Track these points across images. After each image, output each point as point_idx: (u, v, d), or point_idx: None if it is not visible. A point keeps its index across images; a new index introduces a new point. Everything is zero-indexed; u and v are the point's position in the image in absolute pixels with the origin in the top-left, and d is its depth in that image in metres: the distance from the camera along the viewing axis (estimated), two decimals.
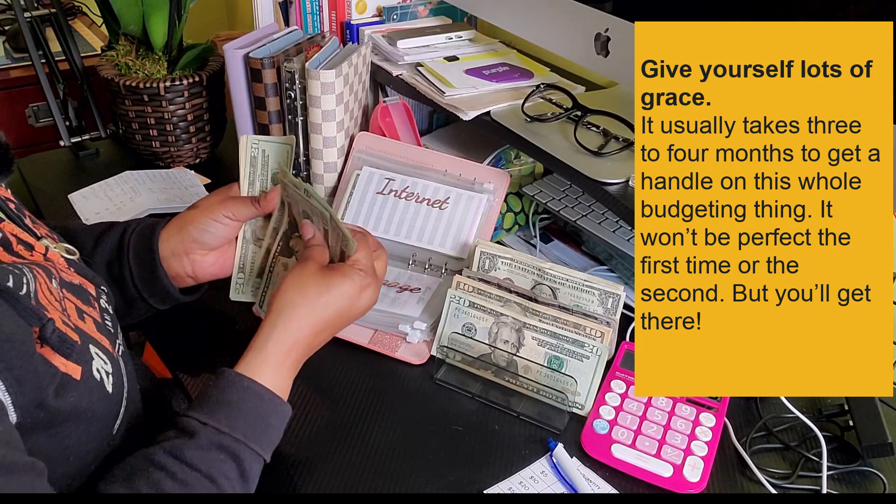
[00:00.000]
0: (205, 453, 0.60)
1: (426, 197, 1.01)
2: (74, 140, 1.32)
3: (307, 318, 0.69)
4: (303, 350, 0.70)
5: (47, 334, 0.55)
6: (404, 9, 1.22)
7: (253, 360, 0.67)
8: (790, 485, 0.73)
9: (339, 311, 0.71)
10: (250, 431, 0.63)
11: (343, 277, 0.72)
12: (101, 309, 0.68)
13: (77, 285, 0.66)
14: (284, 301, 0.70)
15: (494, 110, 1.01)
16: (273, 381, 0.67)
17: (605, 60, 0.89)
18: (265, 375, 0.66)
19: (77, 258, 0.70)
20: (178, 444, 0.60)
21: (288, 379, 0.69)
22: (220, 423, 0.62)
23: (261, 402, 0.65)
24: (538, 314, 0.84)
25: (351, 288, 0.71)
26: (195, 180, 1.22)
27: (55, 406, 0.55)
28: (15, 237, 0.63)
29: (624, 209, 0.85)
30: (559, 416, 0.79)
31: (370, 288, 0.73)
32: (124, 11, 1.17)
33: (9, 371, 0.51)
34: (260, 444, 0.63)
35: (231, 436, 0.62)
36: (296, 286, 0.71)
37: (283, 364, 0.68)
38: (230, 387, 0.64)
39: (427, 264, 0.99)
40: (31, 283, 0.58)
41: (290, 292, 0.70)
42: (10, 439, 0.50)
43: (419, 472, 0.73)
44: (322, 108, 1.01)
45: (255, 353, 0.67)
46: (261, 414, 0.65)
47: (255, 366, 0.67)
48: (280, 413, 0.67)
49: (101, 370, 0.61)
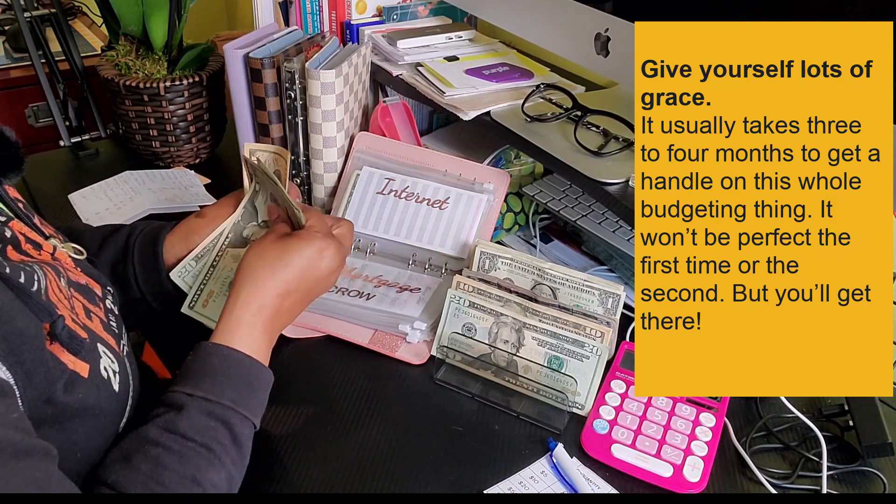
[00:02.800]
0: (196, 423, 0.61)
1: (426, 197, 1.01)
2: (74, 140, 1.32)
3: (269, 279, 0.71)
4: (271, 313, 0.71)
5: (58, 331, 0.56)
6: (404, 9, 1.22)
7: (224, 327, 0.69)
8: (790, 485, 0.73)
9: (300, 271, 0.73)
10: (237, 396, 0.65)
11: (299, 240, 0.74)
12: (107, 309, 0.69)
13: (84, 285, 0.67)
14: (245, 268, 0.72)
15: (494, 110, 1.01)
16: (248, 343, 0.68)
17: (605, 60, 0.89)
18: (239, 340, 0.68)
19: (84, 258, 0.71)
20: (169, 418, 0.62)
21: (262, 342, 0.70)
22: (207, 392, 0.63)
23: (241, 366, 0.67)
24: (538, 314, 0.84)
25: (308, 248, 0.73)
26: (195, 180, 1.22)
27: (63, 402, 0.56)
28: (24, 236, 0.64)
29: (624, 209, 0.85)
30: (559, 416, 0.79)
31: (329, 249, 0.75)
32: (124, 11, 1.17)
33: (20, 365, 0.52)
34: (247, 408, 0.65)
35: (219, 402, 0.63)
36: (255, 253, 0.73)
37: (253, 326, 0.69)
38: (210, 357, 0.66)
39: (427, 264, 0.99)
40: (42, 280, 0.58)
41: (250, 259, 0.73)
42: (25, 426, 0.51)
43: (419, 472, 0.73)
44: (322, 108, 1.01)
45: (225, 321, 0.69)
46: (244, 379, 0.66)
47: (227, 332, 0.68)
48: (262, 376, 0.69)
49: (108, 368, 0.62)
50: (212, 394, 0.63)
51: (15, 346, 0.51)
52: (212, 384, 0.64)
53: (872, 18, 0.62)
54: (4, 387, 0.50)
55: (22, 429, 0.50)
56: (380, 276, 0.97)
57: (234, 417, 0.63)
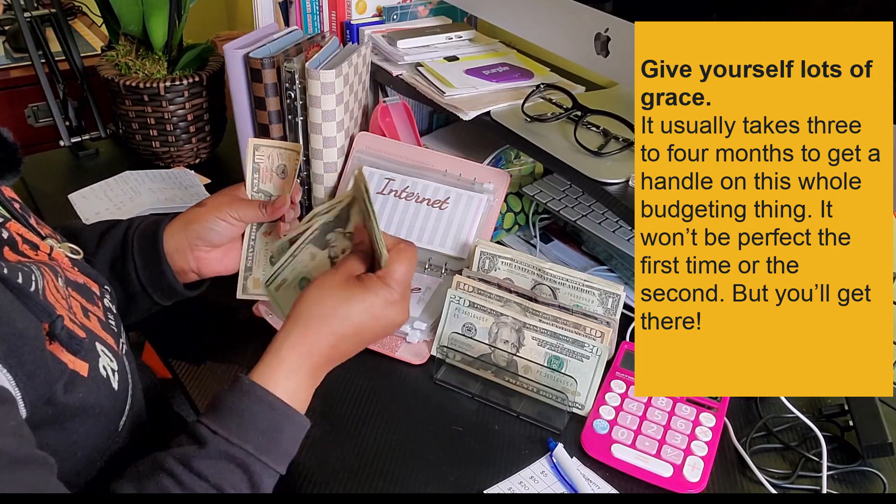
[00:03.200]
0: (213, 463, 0.59)
1: (426, 197, 1.01)
2: (74, 140, 1.32)
3: (324, 327, 0.66)
4: (319, 361, 0.66)
5: (56, 330, 0.56)
6: (404, 9, 1.22)
7: (266, 365, 0.65)
8: (790, 485, 0.73)
9: (358, 325, 0.67)
10: (261, 443, 0.61)
11: (365, 291, 0.67)
12: (105, 308, 0.69)
13: (81, 284, 0.67)
14: (301, 309, 0.67)
15: (494, 110, 1.01)
16: (287, 389, 0.64)
17: (605, 60, 0.89)
18: (279, 383, 0.64)
19: (81, 257, 0.71)
20: (188, 451, 0.60)
21: (303, 388, 0.66)
22: (231, 434, 0.60)
23: (273, 413, 0.63)
24: (538, 314, 0.84)
25: (374, 303, 0.67)
26: (195, 180, 1.22)
27: (64, 402, 0.56)
28: (20, 237, 0.64)
29: (624, 209, 0.85)
30: (559, 416, 0.79)
31: (398, 305, 0.68)
32: (124, 11, 1.17)
33: (20, 367, 0.51)
34: (270, 456, 0.62)
35: (241, 447, 0.60)
36: (315, 295, 0.67)
37: (297, 371, 0.65)
38: (243, 396, 0.63)
39: (427, 264, 0.99)
40: (40, 280, 0.58)
41: (309, 300, 0.67)
42: (23, 433, 0.51)
43: (419, 472, 0.73)
44: (322, 108, 1.01)
45: (268, 358, 0.65)
46: (273, 426, 0.63)
47: (267, 371, 0.64)
48: (294, 424, 0.65)
49: (107, 367, 0.62)
50: (235, 436, 0.60)
51: (15, 348, 0.51)
52: (238, 426, 0.61)
53: (872, 18, 0.62)
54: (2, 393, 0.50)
55: (20, 436, 0.50)
56: None
57: (255, 465, 0.61)
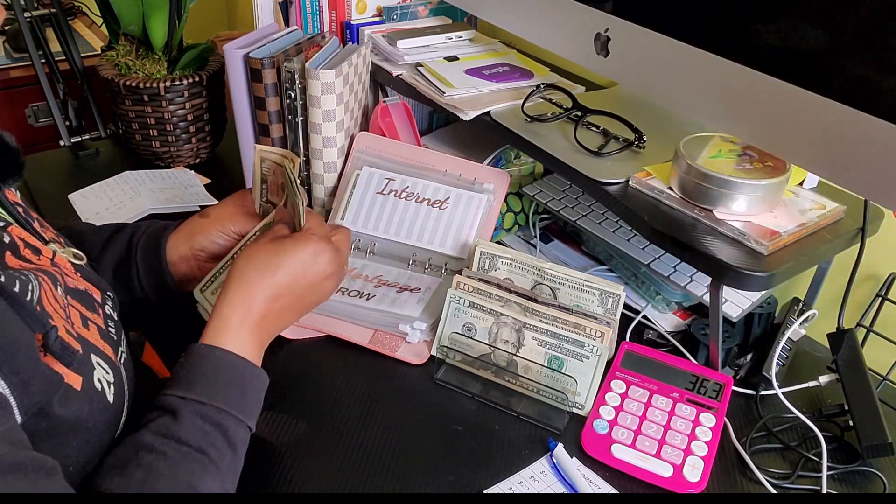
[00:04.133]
0: (190, 427, 0.61)
1: (426, 197, 1.01)
2: (74, 140, 1.32)
3: (258, 282, 0.69)
4: (258, 317, 0.69)
5: (50, 342, 0.55)
6: (404, 9, 1.22)
7: (212, 328, 0.68)
8: (790, 485, 0.73)
9: (291, 275, 0.71)
10: (230, 399, 0.64)
11: (294, 241, 0.72)
12: (106, 315, 0.68)
13: (83, 291, 0.66)
14: (235, 269, 0.71)
15: (494, 110, 1.01)
16: (236, 346, 0.67)
17: (605, 60, 0.89)
18: (227, 342, 0.67)
19: (84, 263, 0.70)
20: (162, 422, 0.61)
21: (251, 345, 0.68)
22: (200, 395, 0.62)
23: (234, 368, 0.66)
24: (538, 314, 0.84)
25: (301, 251, 0.71)
26: (195, 180, 1.22)
27: (59, 415, 0.55)
28: (23, 241, 0.63)
29: (624, 209, 0.85)
30: (559, 416, 0.79)
31: (325, 254, 0.73)
32: (124, 11, 1.17)
33: (15, 375, 0.51)
34: (241, 410, 0.64)
35: (212, 405, 0.62)
36: (247, 255, 0.71)
37: (241, 327, 0.68)
38: (202, 359, 0.65)
39: (427, 264, 0.99)
40: (37, 289, 0.58)
41: (241, 260, 0.71)
42: (14, 438, 0.50)
43: (419, 472, 0.73)
44: (322, 108, 1.01)
45: (213, 322, 0.68)
46: (236, 381, 0.65)
47: (215, 335, 0.67)
48: (255, 378, 0.67)
49: (102, 380, 0.61)
50: (205, 396, 0.62)
51: (9, 355, 0.51)
52: (204, 387, 0.63)
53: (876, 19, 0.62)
54: None
55: (10, 441, 0.49)
56: (380, 276, 0.97)
57: (228, 420, 0.63)
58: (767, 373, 0.82)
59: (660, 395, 0.81)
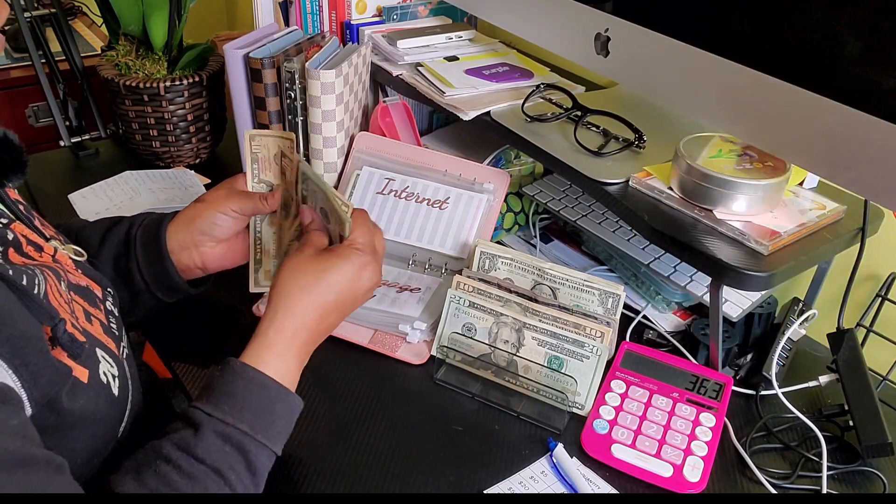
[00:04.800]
0: (210, 445, 0.60)
1: (426, 197, 1.01)
2: (74, 140, 1.32)
3: (306, 303, 0.68)
4: (307, 337, 0.68)
5: (58, 334, 0.56)
6: (404, 9, 1.22)
7: (256, 349, 0.66)
8: (790, 485, 0.73)
9: (339, 293, 0.69)
10: (256, 423, 0.62)
11: (339, 258, 0.70)
12: (107, 311, 0.69)
13: (84, 287, 0.67)
14: (281, 289, 0.69)
15: (494, 110, 1.01)
16: (278, 369, 0.66)
17: (605, 60, 0.89)
18: (269, 364, 0.65)
19: (84, 259, 0.71)
20: (184, 436, 0.60)
21: (294, 368, 0.68)
22: (225, 415, 0.61)
23: (266, 392, 0.64)
24: (538, 314, 0.84)
25: (349, 268, 0.70)
26: (195, 180, 1.22)
27: (67, 408, 0.56)
28: (25, 238, 0.64)
29: (624, 209, 0.85)
30: (559, 416, 0.79)
31: (370, 266, 0.71)
32: (124, 11, 1.17)
33: (25, 367, 0.51)
34: (266, 435, 0.62)
35: (236, 427, 0.61)
36: (291, 273, 0.70)
37: (286, 352, 0.67)
38: (235, 377, 0.64)
39: (427, 264, 0.99)
40: (43, 283, 0.58)
41: (286, 280, 0.69)
42: (27, 433, 0.50)
43: (419, 472, 0.73)
44: (322, 108, 1.01)
45: (257, 343, 0.66)
46: (266, 405, 0.64)
47: (258, 355, 0.66)
48: (287, 403, 0.66)
49: (107, 373, 0.61)
50: (230, 416, 0.61)
51: (19, 349, 0.51)
52: (231, 407, 0.62)
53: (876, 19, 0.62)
54: (5, 392, 0.50)
55: (23, 436, 0.50)
56: None
57: (251, 444, 0.61)
58: (767, 373, 0.82)
59: (660, 395, 0.81)
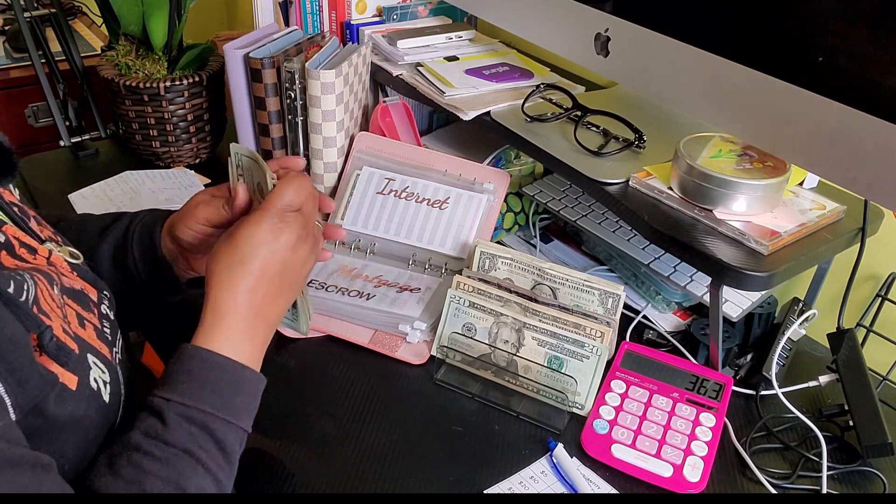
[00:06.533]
0: (176, 429, 0.60)
1: (426, 197, 1.01)
2: (74, 140, 1.32)
3: (232, 279, 0.66)
4: (248, 310, 0.67)
5: (45, 342, 0.55)
6: (404, 9, 1.22)
7: (202, 330, 0.66)
8: (790, 485, 0.73)
9: (261, 260, 0.67)
10: (217, 401, 0.62)
11: (247, 227, 0.67)
12: (101, 315, 0.68)
13: (79, 290, 0.66)
14: (209, 273, 0.68)
15: (494, 110, 1.01)
16: (229, 347, 0.65)
17: (605, 60, 0.89)
18: (218, 344, 0.65)
19: (81, 262, 0.70)
20: (150, 423, 0.60)
21: (245, 343, 0.66)
22: (184, 397, 0.61)
23: (222, 370, 0.64)
24: (538, 314, 0.84)
25: (258, 233, 0.67)
26: (195, 180, 1.22)
27: (54, 414, 0.55)
28: (18, 240, 0.63)
29: (624, 209, 0.85)
30: (559, 416, 0.79)
31: (286, 227, 0.68)
32: (124, 11, 1.17)
33: (10, 373, 0.51)
34: (230, 413, 0.62)
35: (197, 408, 0.61)
36: (214, 254, 0.68)
37: (231, 329, 0.66)
38: (190, 360, 0.64)
39: (427, 264, 0.99)
40: (32, 289, 0.58)
41: (210, 263, 0.68)
42: (11, 436, 0.50)
43: (419, 472, 0.73)
44: (322, 108, 1.01)
45: (203, 324, 0.66)
46: (225, 383, 0.64)
47: (205, 336, 0.65)
48: (247, 380, 0.65)
49: (98, 379, 0.61)
50: (189, 398, 0.61)
51: (5, 354, 0.51)
52: (190, 388, 0.62)
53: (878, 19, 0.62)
54: None
55: (8, 439, 0.49)
56: (380, 276, 0.97)
57: (215, 422, 0.61)
58: (767, 373, 0.82)
59: (660, 395, 0.81)
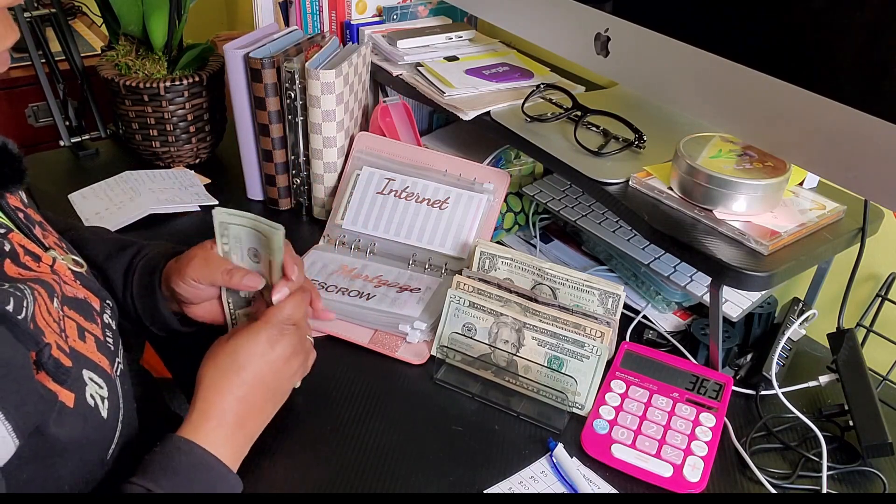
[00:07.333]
0: None
1: (426, 197, 1.01)
2: (74, 140, 1.32)
3: (225, 385, 0.67)
4: (236, 417, 0.67)
5: (43, 359, 0.55)
6: (404, 9, 1.22)
7: (190, 425, 0.65)
8: (790, 485, 0.73)
9: (255, 371, 0.68)
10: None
11: (247, 338, 0.69)
12: (104, 325, 0.68)
13: (81, 300, 0.66)
14: (200, 377, 0.68)
15: (494, 110, 1.01)
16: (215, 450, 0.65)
17: (605, 60, 0.89)
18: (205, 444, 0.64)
19: (84, 270, 0.70)
20: None
21: (228, 448, 0.66)
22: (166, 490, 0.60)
23: (207, 469, 0.63)
24: (538, 314, 0.84)
25: (256, 344, 0.69)
26: (195, 180, 1.22)
27: (54, 434, 0.55)
28: (23, 248, 0.63)
29: (624, 209, 0.85)
30: (559, 416, 0.79)
31: (283, 340, 0.70)
32: (124, 11, 1.17)
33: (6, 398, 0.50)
34: None
35: None
36: (208, 360, 0.70)
37: (217, 430, 0.66)
38: (178, 452, 0.63)
39: (427, 264, 0.99)
40: (31, 305, 0.57)
41: (203, 367, 0.69)
42: None
43: (419, 472, 0.73)
44: (322, 108, 1.01)
45: (190, 420, 0.66)
46: (208, 485, 0.63)
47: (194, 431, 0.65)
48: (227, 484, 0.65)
49: (95, 395, 0.60)
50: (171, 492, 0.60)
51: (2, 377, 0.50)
52: (171, 484, 0.61)
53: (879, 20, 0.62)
54: None
55: None
56: (380, 276, 0.97)
57: None
58: (767, 373, 0.82)
59: (660, 395, 0.81)
